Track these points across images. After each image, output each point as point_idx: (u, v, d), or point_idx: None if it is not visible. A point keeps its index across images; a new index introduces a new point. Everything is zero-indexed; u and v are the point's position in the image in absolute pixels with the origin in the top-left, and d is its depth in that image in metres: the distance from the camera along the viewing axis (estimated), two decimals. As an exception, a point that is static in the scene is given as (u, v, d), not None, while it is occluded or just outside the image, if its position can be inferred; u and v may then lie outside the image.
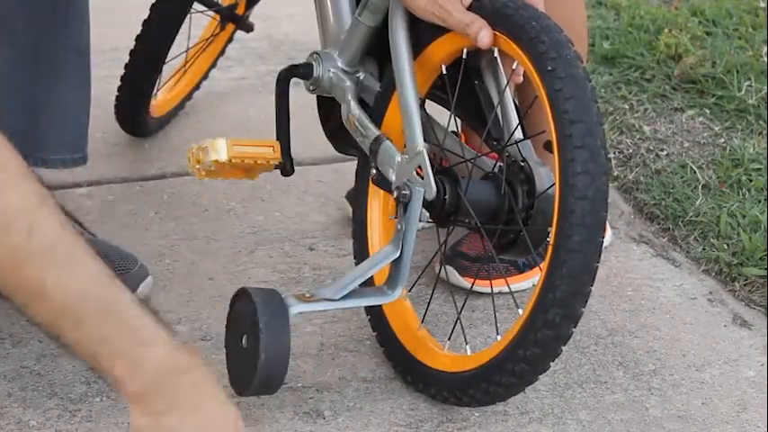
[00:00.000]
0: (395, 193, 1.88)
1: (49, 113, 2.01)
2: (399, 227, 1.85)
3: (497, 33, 1.78)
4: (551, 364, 1.76)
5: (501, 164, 1.84)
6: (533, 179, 1.80)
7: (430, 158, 1.84)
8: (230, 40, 2.74)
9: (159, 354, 1.42)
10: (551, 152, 1.73)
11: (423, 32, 1.90)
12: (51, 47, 1.97)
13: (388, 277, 1.87)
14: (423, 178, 1.84)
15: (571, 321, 1.72)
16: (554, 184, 1.74)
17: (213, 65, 2.75)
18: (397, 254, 1.84)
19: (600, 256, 1.71)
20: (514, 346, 1.75)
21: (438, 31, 1.88)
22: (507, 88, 1.88)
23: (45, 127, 2.02)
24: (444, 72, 1.90)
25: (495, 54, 1.83)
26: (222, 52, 2.75)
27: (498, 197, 1.83)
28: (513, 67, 1.83)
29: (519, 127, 1.86)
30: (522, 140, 1.85)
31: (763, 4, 3.29)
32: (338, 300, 1.82)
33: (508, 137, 1.85)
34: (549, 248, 1.71)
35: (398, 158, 1.89)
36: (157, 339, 1.42)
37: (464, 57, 1.86)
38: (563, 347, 1.74)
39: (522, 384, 1.79)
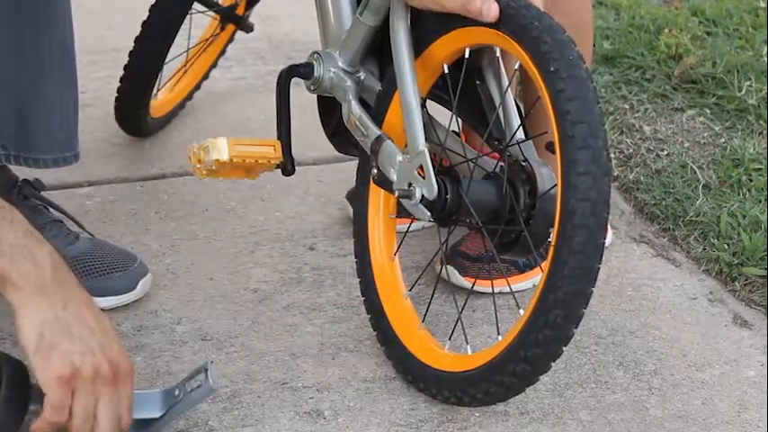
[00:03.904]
0: (396, 193, 1.88)
1: (37, 114, 2.01)
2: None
3: (500, 33, 1.78)
4: (552, 364, 1.76)
5: (502, 164, 1.84)
6: (535, 179, 1.80)
7: (431, 158, 1.84)
8: (230, 40, 2.74)
9: (49, 249, 1.60)
10: (553, 153, 1.73)
11: (424, 32, 1.90)
12: (35, 47, 1.97)
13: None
14: (424, 178, 1.84)
15: (572, 322, 1.71)
16: (556, 184, 1.74)
17: (213, 65, 2.75)
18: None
19: (602, 257, 1.71)
20: (515, 346, 1.75)
21: (439, 30, 1.87)
22: (509, 88, 1.87)
23: (33, 128, 2.02)
24: (446, 72, 1.90)
25: (497, 53, 1.83)
26: (222, 53, 2.75)
27: (499, 197, 1.82)
28: (516, 67, 1.83)
29: (521, 127, 1.86)
30: (524, 141, 1.85)
31: (763, 4, 3.29)
32: None
33: (510, 137, 1.85)
34: (551, 249, 1.71)
35: (400, 158, 1.88)
36: (42, 240, 1.61)
37: (466, 57, 1.86)
38: (564, 348, 1.74)
39: (523, 385, 1.79)
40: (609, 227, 2.34)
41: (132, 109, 2.54)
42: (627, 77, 2.93)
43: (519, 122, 1.86)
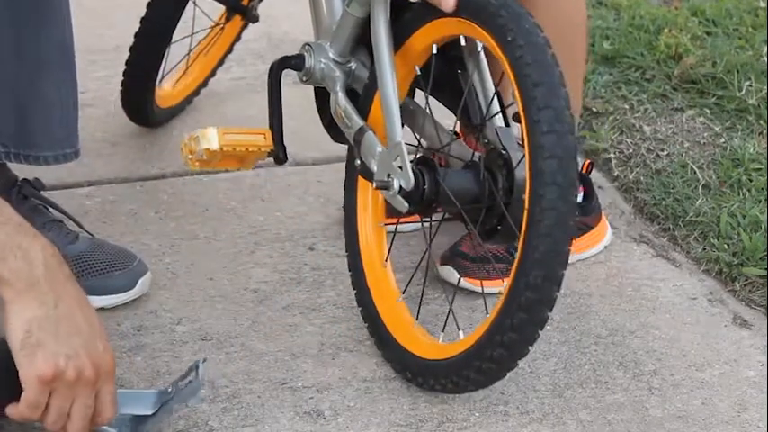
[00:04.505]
0: (374, 184, 1.89)
1: (36, 113, 2.02)
2: None
3: (462, 20, 1.80)
4: (539, 332, 1.74)
5: (479, 153, 1.86)
6: (511, 164, 1.81)
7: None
8: (239, 37, 2.73)
9: (41, 244, 1.59)
10: (519, 122, 1.74)
11: (405, 24, 1.91)
12: (33, 46, 1.97)
13: None
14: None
15: (553, 283, 1.71)
16: (524, 155, 1.74)
17: (222, 61, 2.74)
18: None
19: (575, 213, 1.71)
20: (501, 316, 1.75)
21: (416, 24, 1.89)
22: (487, 75, 1.89)
23: (33, 126, 2.02)
24: (418, 73, 1.91)
25: (463, 42, 1.84)
26: (231, 49, 2.74)
27: (477, 184, 1.83)
28: (479, 49, 1.84)
29: (500, 115, 1.88)
30: (493, 121, 1.86)
31: (763, 4, 3.29)
32: None
33: (485, 119, 1.86)
34: (525, 212, 1.72)
35: (379, 149, 1.90)
36: (34, 234, 1.60)
37: (434, 52, 1.87)
38: (549, 312, 1.73)
39: (514, 357, 1.77)
40: (609, 226, 2.34)
41: (138, 94, 2.53)
42: (627, 77, 2.93)
43: (498, 109, 1.88)
